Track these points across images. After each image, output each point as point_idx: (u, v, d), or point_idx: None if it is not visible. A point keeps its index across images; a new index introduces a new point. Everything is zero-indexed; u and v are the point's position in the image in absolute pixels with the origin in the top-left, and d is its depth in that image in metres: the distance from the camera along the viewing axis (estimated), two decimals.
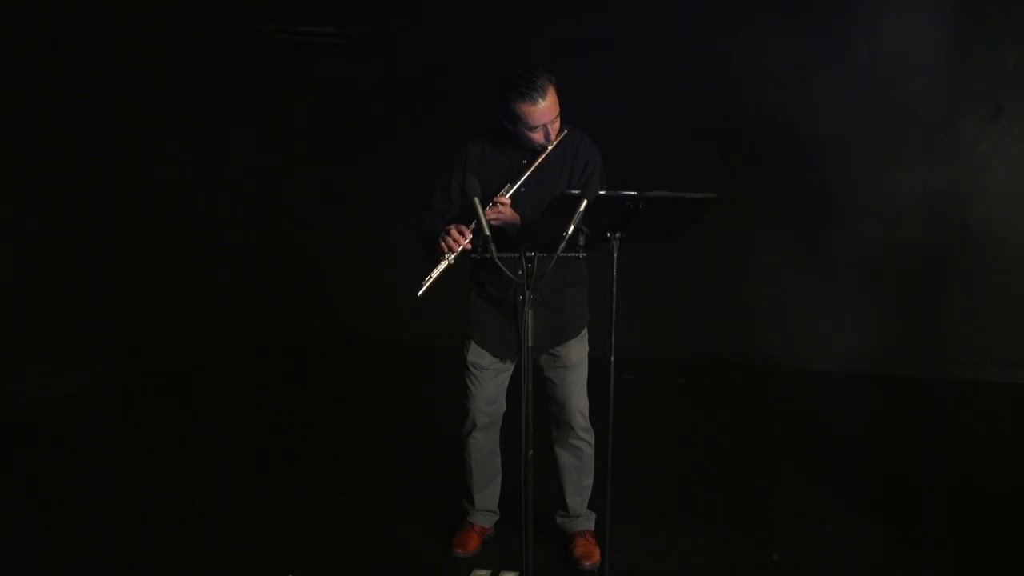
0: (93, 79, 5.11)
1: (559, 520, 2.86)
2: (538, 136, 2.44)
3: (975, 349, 5.39)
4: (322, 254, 6.95)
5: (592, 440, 2.79)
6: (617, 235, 2.13)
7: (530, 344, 2.06)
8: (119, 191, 5.34)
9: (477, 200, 2.10)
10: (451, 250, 2.35)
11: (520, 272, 2.04)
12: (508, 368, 2.74)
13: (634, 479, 3.44)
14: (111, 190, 5.28)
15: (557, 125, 2.46)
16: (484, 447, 2.83)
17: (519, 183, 2.45)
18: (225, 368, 5.94)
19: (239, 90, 6.25)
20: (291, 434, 4.33)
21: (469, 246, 2.36)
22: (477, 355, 2.72)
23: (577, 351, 2.71)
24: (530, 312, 2.03)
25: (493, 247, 2.01)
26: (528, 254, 2.06)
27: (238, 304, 6.41)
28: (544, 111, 2.38)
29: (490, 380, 2.73)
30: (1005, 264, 5.28)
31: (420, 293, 2.33)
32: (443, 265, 2.34)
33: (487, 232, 2.03)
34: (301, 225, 6.92)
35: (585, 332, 2.73)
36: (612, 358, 2.20)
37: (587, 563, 2.70)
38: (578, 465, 2.79)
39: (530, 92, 2.34)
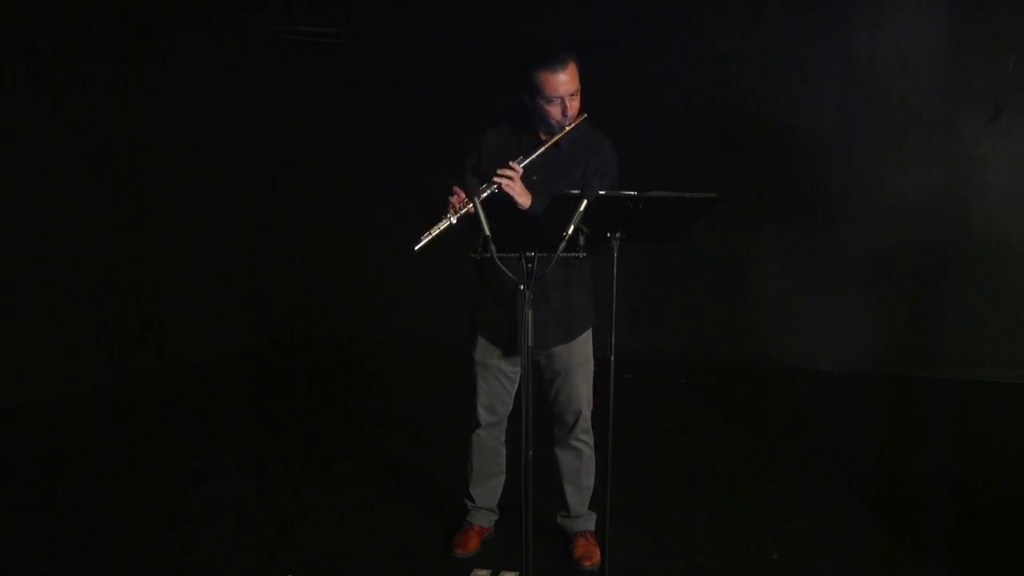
0: (93, 79, 5.10)
1: (560, 520, 2.86)
2: (555, 110, 2.44)
3: (975, 349, 5.39)
4: (323, 254, 6.96)
5: (592, 442, 2.79)
6: (617, 235, 2.13)
7: (531, 344, 2.06)
8: (118, 191, 5.34)
9: (477, 200, 2.10)
10: (455, 210, 2.33)
11: (521, 272, 2.04)
12: (517, 370, 2.73)
13: (634, 479, 3.45)
14: (110, 189, 5.28)
15: (576, 105, 2.47)
16: (487, 444, 2.84)
17: (533, 156, 2.44)
18: (224, 368, 5.94)
19: (238, 89, 6.25)
20: (291, 434, 4.33)
21: (472, 210, 2.30)
22: (483, 352, 2.72)
23: (580, 352, 2.70)
24: (530, 312, 2.03)
25: (493, 247, 2.01)
26: (528, 254, 2.05)
27: (238, 304, 6.41)
28: (563, 82, 2.41)
29: (497, 379, 2.73)
30: (1005, 264, 5.28)
31: (418, 248, 2.29)
32: (444, 224, 2.31)
33: (487, 232, 2.03)
34: (301, 225, 6.93)
35: (590, 333, 2.73)
36: (612, 358, 2.20)
37: (587, 563, 2.70)
38: (578, 465, 2.80)
39: (551, 61, 2.40)
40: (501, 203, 2.34)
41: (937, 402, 5.03)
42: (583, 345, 2.71)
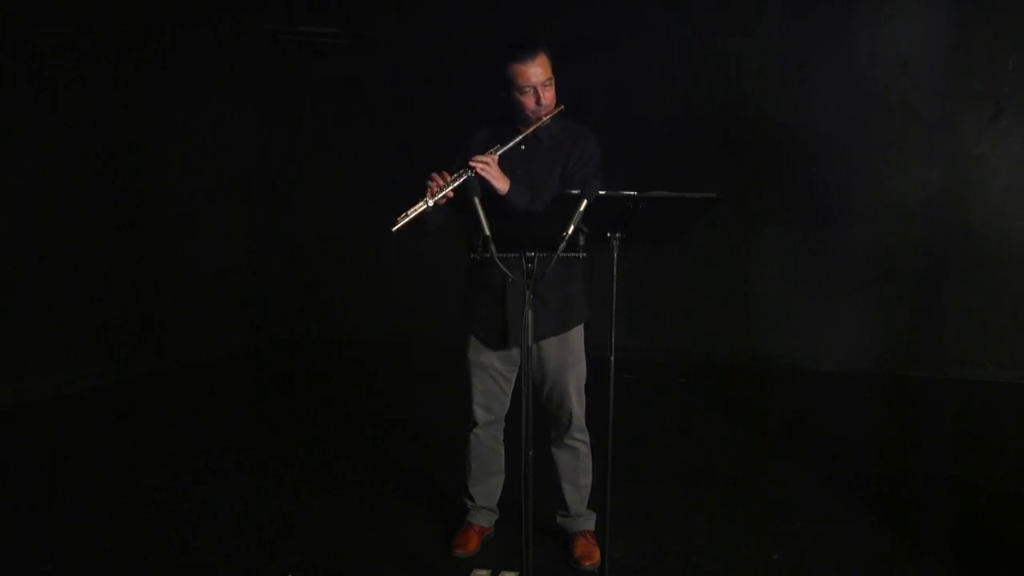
0: (93, 79, 5.10)
1: (559, 520, 2.86)
2: (529, 100, 2.48)
3: (975, 349, 5.39)
4: (323, 254, 6.96)
5: (587, 440, 2.80)
6: (617, 235, 2.13)
7: (530, 343, 2.06)
8: (118, 191, 5.34)
9: (477, 200, 2.10)
10: (432, 194, 2.36)
11: (521, 272, 2.04)
12: (512, 369, 2.74)
13: (634, 479, 3.45)
14: (110, 189, 5.28)
15: (550, 95, 2.50)
16: (484, 444, 2.84)
17: (509, 144, 2.48)
18: (224, 368, 5.94)
19: (238, 89, 6.26)
20: (291, 434, 4.33)
21: (451, 194, 2.37)
22: (476, 351, 2.73)
23: (572, 350, 2.70)
24: (530, 312, 2.03)
25: (493, 247, 2.01)
26: (528, 254, 2.05)
27: (238, 304, 6.41)
28: (534, 71, 2.45)
29: (492, 378, 2.74)
30: (1005, 264, 5.28)
31: (394, 229, 2.33)
32: (421, 206, 2.34)
33: (487, 232, 2.03)
34: (301, 225, 6.93)
35: (582, 330, 2.73)
36: (612, 358, 2.19)
37: (587, 563, 2.70)
38: (575, 464, 2.80)
39: (520, 52, 2.46)
40: (486, 194, 2.35)
41: (937, 402, 5.03)
42: (574, 343, 2.71)
